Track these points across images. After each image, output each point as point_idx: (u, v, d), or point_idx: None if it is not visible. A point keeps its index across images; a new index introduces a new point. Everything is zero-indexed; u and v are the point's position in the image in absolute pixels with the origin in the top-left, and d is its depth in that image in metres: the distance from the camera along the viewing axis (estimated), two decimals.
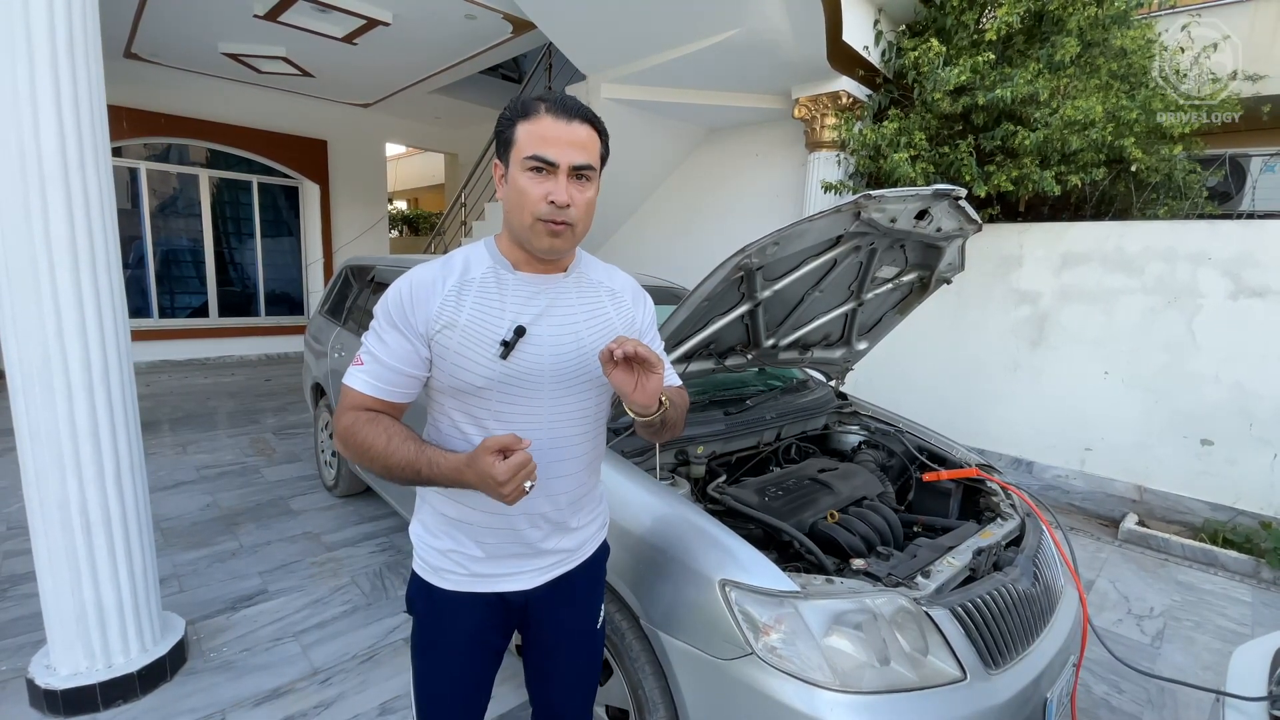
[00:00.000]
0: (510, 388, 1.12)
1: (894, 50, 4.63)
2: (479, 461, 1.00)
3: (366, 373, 1.12)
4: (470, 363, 1.10)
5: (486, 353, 1.10)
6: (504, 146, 1.09)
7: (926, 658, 1.41)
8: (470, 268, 1.14)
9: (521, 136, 1.05)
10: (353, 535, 3.47)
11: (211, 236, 8.47)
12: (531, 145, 1.03)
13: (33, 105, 1.77)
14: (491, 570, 1.22)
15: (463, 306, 1.10)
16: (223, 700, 2.17)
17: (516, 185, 1.06)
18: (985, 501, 2.16)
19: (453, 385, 1.12)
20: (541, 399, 1.15)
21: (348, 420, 1.11)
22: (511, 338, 1.09)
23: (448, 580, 1.22)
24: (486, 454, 0.99)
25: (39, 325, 1.86)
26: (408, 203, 18.03)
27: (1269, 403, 3.68)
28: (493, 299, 1.12)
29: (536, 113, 1.04)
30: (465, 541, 1.20)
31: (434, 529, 1.23)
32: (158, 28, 6.05)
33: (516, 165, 1.05)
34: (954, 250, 2.18)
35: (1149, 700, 2.39)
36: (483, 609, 1.24)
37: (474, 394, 1.12)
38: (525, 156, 1.03)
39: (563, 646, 1.34)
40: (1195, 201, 4.54)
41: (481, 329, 1.10)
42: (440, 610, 1.24)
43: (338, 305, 4.00)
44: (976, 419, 4.79)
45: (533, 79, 7.10)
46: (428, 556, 1.24)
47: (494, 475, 0.98)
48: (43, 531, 2.00)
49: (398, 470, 1.08)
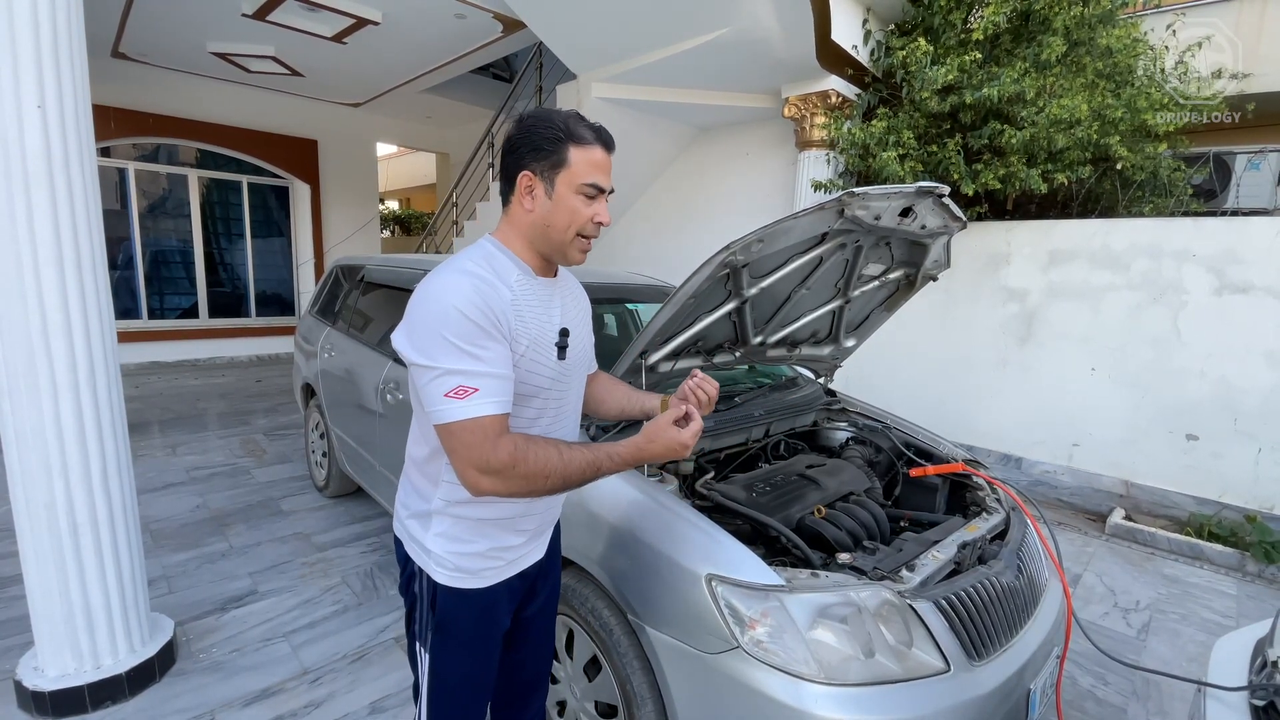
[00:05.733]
0: (560, 384, 1.23)
1: (882, 49, 4.66)
2: (664, 434, 1.12)
3: (490, 394, 1.04)
4: (540, 366, 1.17)
5: (549, 356, 1.18)
6: (550, 164, 1.12)
7: (911, 650, 1.42)
8: (504, 275, 1.14)
9: (577, 161, 1.12)
10: (343, 535, 3.47)
11: (201, 237, 8.42)
12: (589, 173, 1.12)
13: (16, 104, 1.76)
14: (521, 551, 1.30)
15: (524, 315, 1.14)
16: (212, 701, 2.16)
17: (568, 205, 1.13)
18: (971, 496, 2.18)
19: (522, 392, 1.15)
20: (570, 389, 1.29)
21: (506, 450, 1.04)
22: (561, 339, 1.20)
23: (486, 578, 1.24)
24: (669, 427, 1.13)
25: (24, 325, 1.85)
26: (399, 202, 17.98)
27: (1253, 397, 3.73)
28: (535, 305, 1.17)
29: (589, 141, 1.13)
30: (503, 536, 1.25)
31: (463, 536, 1.22)
32: (145, 27, 6.02)
33: (568, 186, 1.12)
34: (940, 247, 2.20)
35: (1134, 692, 2.42)
36: (508, 592, 1.30)
37: (535, 395, 1.18)
38: (584, 182, 1.12)
39: (548, 607, 1.47)
40: (1180, 199, 4.58)
41: (541, 334, 1.17)
42: (479, 609, 1.26)
43: (328, 305, 3.99)
44: (965, 415, 4.83)
45: (523, 78, 7.09)
46: (464, 564, 1.22)
47: (684, 441, 1.12)
48: (29, 533, 1.99)
49: (576, 477, 1.11)
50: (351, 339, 3.44)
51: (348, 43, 6.28)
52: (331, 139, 9.20)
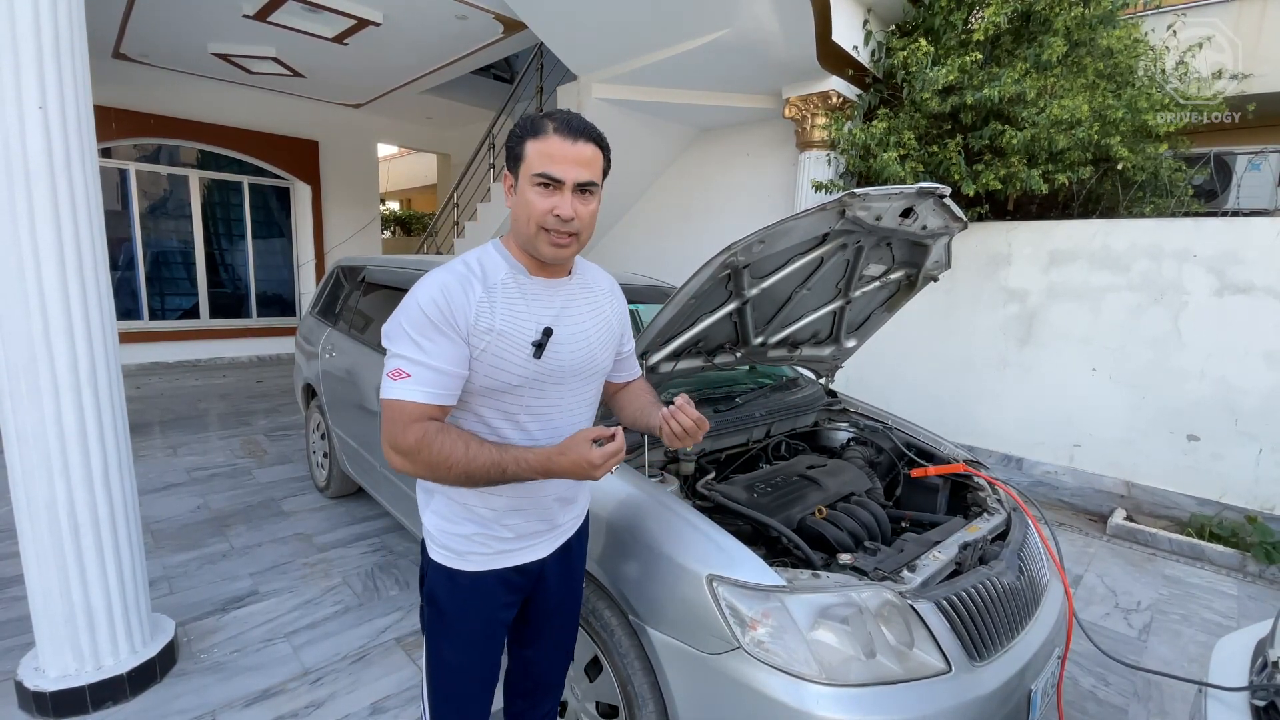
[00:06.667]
0: (541, 384, 1.22)
1: (883, 50, 4.66)
2: (575, 449, 1.10)
3: (419, 383, 1.11)
4: (507, 364, 1.17)
5: (521, 354, 1.18)
6: (514, 160, 1.16)
7: (912, 650, 1.42)
8: (489, 273, 1.19)
9: (531, 153, 1.12)
10: (344, 536, 3.47)
11: (202, 238, 8.42)
12: (540, 163, 1.11)
13: (18, 104, 1.77)
14: (514, 545, 1.30)
15: (496, 311, 1.16)
16: (213, 701, 2.16)
17: (524, 198, 1.14)
18: (972, 497, 2.18)
19: (487, 385, 1.18)
20: (564, 391, 1.27)
21: (415, 434, 1.09)
22: (541, 338, 1.18)
23: (471, 562, 1.27)
24: (583, 443, 1.10)
25: (25, 325, 1.85)
26: (400, 203, 17.99)
27: (1253, 398, 3.73)
28: (518, 302, 1.19)
29: (545, 132, 1.12)
30: (491, 525, 1.27)
31: (453, 517, 1.27)
32: (146, 28, 6.02)
33: (525, 180, 1.13)
34: (940, 248, 2.20)
35: (1135, 693, 2.42)
36: (503, 584, 1.31)
37: (508, 392, 1.20)
38: (534, 173, 1.12)
39: (561, 607, 1.46)
40: (1181, 199, 4.58)
41: (515, 332, 1.17)
42: (465, 593, 1.28)
43: (329, 306, 3.99)
44: (966, 416, 4.83)
45: (524, 79, 7.09)
46: (450, 544, 1.27)
47: (591, 460, 1.09)
48: (30, 534, 1.99)
49: (480, 474, 1.11)
50: (352, 340, 3.44)
51: (349, 44, 6.28)
52: (332, 140, 9.21)
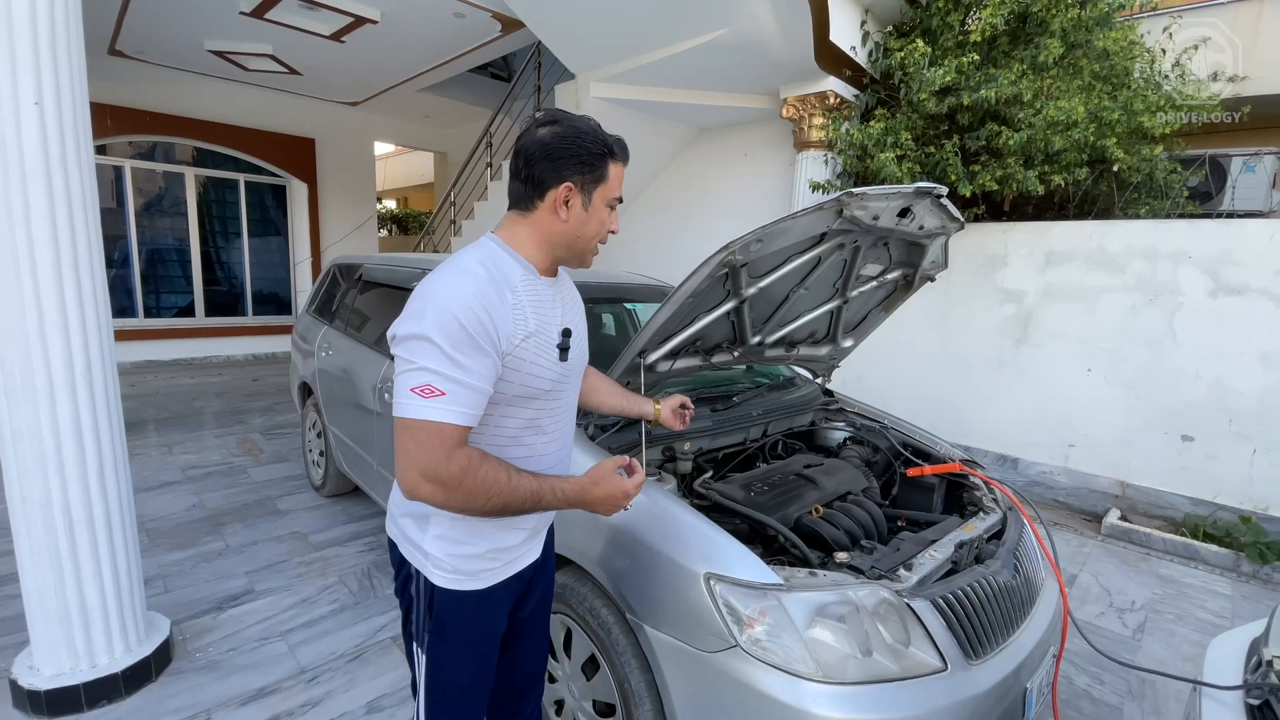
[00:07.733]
0: (562, 386, 1.24)
1: (880, 51, 4.67)
2: (608, 480, 1.16)
3: (455, 402, 1.02)
4: (541, 369, 1.16)
5: (550, 356, 1.17)
6: (592, 179, 1.15)
7: (908, 649, 1.43)
8: (509, 275, 1.13)
9: (613, 177, 1.19)
10: (340, 535, 3.46)
11: (198, 235, 8.39)
12: (618, 187, 1.20)
13: (14, 101, 1.76)
14: (520, 553, 1.30)
15: (528, 316, 1.12)
16: (208, 700, 2.16)
17: (599, 216, 1.19)
18: (968, 496, 2.19)
19: (521, 394, 1.15)
20: (571, 390, 1.30)
21: (460, 462, 1.02)
22: (563, 340, 1.20)
23: (484, 580, 1.24)
24: (612, 474, 1.17)
25: (20, 322, 1.85)
26: (397, 202, 17.95)
27: (1248, 399, 3.75)
28: (542, 305, 1.18)
29: (622, 158, 1.20)
30: (502, 536, 1.24)
31: (462, 537, 1.20)
32: (143, 25, 6.00)
33: (603, 199, 1.18)
34: (937, 248, 2.20)
35: (1129, 691, 2.43)
36: (507, 592, 1.31)
37: (539, 398, 1.19)
38: (615, 196, 1.20)
39: (542, 606, 1.48)
40: (1176, 201, 4.60)
41: (546, 335, 1.17)
42: (477, 611, 1.25)
43: (325, 304, 3.98)
44: (962, 416, 4.84)
45: (522, 78, 7.09)
46: (462, 566, 1.21)
47: (626, 490, 1.16)
48: (25, 531, 1.98)
49: (517, 504, 1.09)
50: (349, 338, 3.43)
51: (346, 41, 6.27)
52: (329, 138, 9.18)
